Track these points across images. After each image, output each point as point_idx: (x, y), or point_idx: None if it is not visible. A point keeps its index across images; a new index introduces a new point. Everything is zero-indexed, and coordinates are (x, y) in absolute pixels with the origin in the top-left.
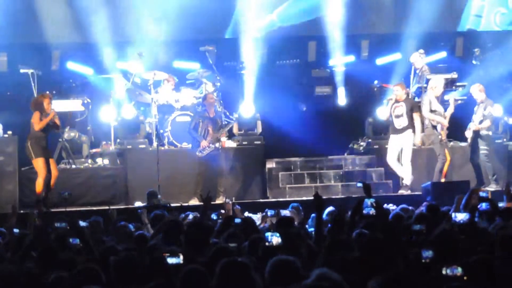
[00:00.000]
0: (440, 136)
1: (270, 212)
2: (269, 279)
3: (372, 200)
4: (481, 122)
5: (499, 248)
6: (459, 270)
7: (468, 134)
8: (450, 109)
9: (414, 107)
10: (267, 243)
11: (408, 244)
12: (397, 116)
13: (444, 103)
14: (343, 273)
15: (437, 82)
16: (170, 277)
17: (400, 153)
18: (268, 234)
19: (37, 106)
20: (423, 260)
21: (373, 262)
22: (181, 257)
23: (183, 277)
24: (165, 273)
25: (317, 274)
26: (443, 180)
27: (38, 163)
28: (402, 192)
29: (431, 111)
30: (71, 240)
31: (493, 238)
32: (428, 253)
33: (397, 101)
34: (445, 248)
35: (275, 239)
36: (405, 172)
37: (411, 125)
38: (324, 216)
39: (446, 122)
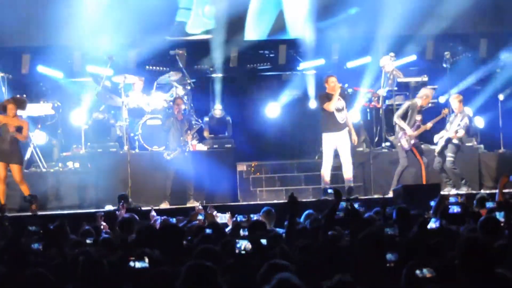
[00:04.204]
0: (399, 144)
1: (240, 218)
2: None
3: (347, 203)
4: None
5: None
6: (430, 272)
7: (438, 140)
8: (434, 120)
9: (348, 103)
10: (237, 251)
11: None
12: (339, 110)
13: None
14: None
15: (427, 93)
16: (136, 281)
17: (333, 154)
18: (239, 241)
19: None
20: (387, 264)
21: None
22: (147, 260)
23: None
24: (131, 277)
25: (277, 279)
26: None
27: None
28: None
29: (414, 120)
30: (32, 245)
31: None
32: (392, 256)
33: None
34: (417, 250)
35: (245, 245)
36: (348, 170)
37: (347, 121)
38: (302, 219)
39: (410, 131)
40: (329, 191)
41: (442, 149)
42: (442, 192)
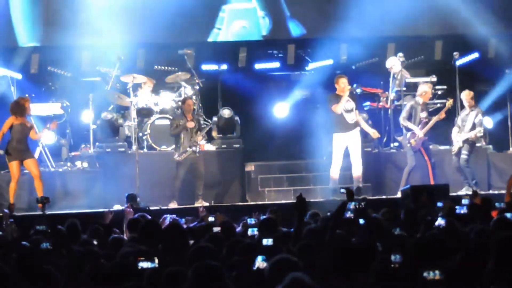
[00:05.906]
0: (409, 145)
1: (250, 221)
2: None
3: (356, 203)
4: (470, 129)
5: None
6: (438, 274)
7: (455, 137)
8: (440, 115)
9: (357, 104)
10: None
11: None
12: (348, 111)
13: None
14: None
15: (425, 88)
16: (142, 281)
17: (342, 155)
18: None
19: (19, 109)
20: (392, 265)
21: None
22: (156, 261)
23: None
24: (136, 277)
25: (290, 278)
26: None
27: (11, 167)
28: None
29: (419, 118)
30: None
31: (471, 241)
32: (396, 257)
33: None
34: (424, 251)
35: (261, 264)
36: (358, 169)
37: (357, 121)
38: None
39: (419, 131)
40: (342, 191)
41: (459, 148)
42: (459, 192)
